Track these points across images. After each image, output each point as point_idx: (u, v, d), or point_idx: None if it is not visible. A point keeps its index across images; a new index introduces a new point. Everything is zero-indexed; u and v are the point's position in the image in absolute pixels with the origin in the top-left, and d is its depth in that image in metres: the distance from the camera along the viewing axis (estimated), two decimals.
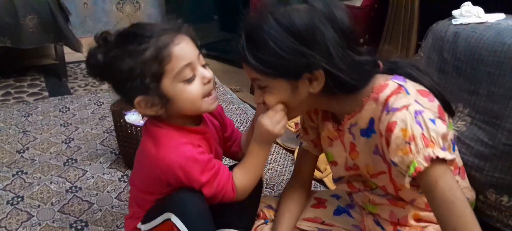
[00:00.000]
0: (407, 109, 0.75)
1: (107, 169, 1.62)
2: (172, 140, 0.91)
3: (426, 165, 0.73)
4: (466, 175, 1.05)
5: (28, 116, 2.09)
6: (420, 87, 0.84)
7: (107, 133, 1.92)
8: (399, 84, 0.82)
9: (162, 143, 0.91)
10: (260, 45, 0.81)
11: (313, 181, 1.31)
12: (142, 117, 1.56)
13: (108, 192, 1.48)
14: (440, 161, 0.73)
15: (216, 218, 0.97)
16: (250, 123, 1.17)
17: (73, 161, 1.68)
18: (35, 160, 1.68)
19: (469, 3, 1.21)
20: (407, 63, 0.91)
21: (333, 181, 1.07)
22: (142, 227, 0.98)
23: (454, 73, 1.15)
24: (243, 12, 0.86)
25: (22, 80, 2.62)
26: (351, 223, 1.06)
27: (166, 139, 0.91)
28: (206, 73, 0.92)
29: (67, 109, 2.18)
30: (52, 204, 1.41)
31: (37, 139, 1.86)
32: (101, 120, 2.06)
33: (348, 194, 1.09)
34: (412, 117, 0.74)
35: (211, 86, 0.94)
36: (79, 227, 1.30)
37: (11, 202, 1.41)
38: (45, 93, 2.44)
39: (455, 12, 1.23)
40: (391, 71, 0.87)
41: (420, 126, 0.74)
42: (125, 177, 1.56)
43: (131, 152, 1.53)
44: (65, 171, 1.60)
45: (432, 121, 0.75)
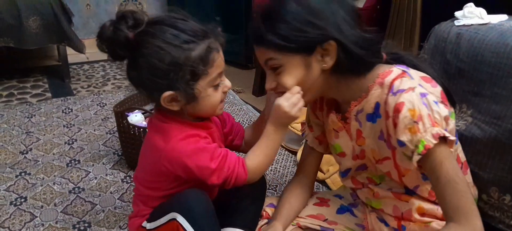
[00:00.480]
0: (413, 91, 0.79)
1: (110, 170, 1.62)
2: (181, 132, 0.93)
3: (435, 142, 0.77)
4: (469, 172, 1.05)
5: (31, 117, 2.10)
6: (423, 74, 0.89)
7: (110, 134, 1.92)
8: (403, 70, 0.86)
9: (171, 136, 0.92)
10: (277, 20, 0.85)
11: (316, 182, 1.31)
12: (145, 118, 1.57)
13: (111, 193, 1.48)
14: (445, 141, 0.78)
15: (220, 217, 0.97)
16: (258, 117, 1.17)
17: (76, 161, 1.68)
18: (38, 160, 1.68)
19: (472, 4, 1.21)
20: (409, 54, 0.97)
21: (341, 175, 1.08)
22: (148, 225, 0.99)
23: (457, 75, 1.15)
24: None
25: (25, 82, 2.63)
26: (354, 221, 1.07)
27: (175, 132, 0.93)
28: (228, 83, 0.97)
29: (70, 111, 2.18)
30: (55, 204, 1.41)
31: (40, 139, 1.86)
32: (104, 121, 2.06)
33: (352, 191, 1.10)
34: (419, 97, 0.78)
35: (226, 95, 0.98)
36: (82, 228, 1.31)
37: (14, 202, 1.42)
38: (48, 95, 2.45)
39: (458, 13, 1.23)
40: (394, 62, 0.91)
41: (426, 106, 0.78)
42: (128, 177, 1.57)
43: (134, 152, 1.53)
44: (68, 171, 1.60)
45: (436, 103, 0.80)
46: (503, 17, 1.18)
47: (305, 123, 1.13)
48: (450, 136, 0.78)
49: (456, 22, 1.21)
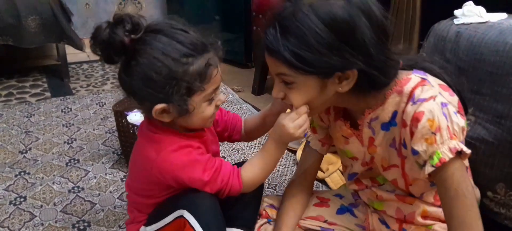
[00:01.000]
0: (434, 100, 0.76)
1: (109, 169, 1.62)
2: (172, 143, 0.91)
3: (451, 156, 0.75)
4: (472, 172, 1.04)
5: (31, 116, 2.10)
6: (441, 82, 0.86)
7: (109, 133, 1.92)
8: (422, 78, 0.82)
9: (162, 147, 0.91)
10: (297, 38, 0.75)
11: (315, 181, 1.31)
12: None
13: (111, 192, 1.48)
14: (460, 154, 0.76)
15: None
16: (261, 111, 1.14)
17: (76, 161, 1.68)
18: (38, 160, 1.68)
19: (471, 3, 1.21)
20: (426, 60, 0.93)
21: (348, 178, 1.06)
22: (148, 229, 0.98)
23: (457, 73, 1.15)
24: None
25: (25, 81, 2.63)
26: (354, 222, 1.06)
27: (166, 143, 0.91)
28: (222, 97, 0.94)
29: (69, 110, 2.18)
30: (55, 204, 1.41)
31: (40, 139, 1.86)
32: (103, 120, 2.06)
33: (354, 192, 1.09)
34: (439, 108, 0.76)
35: (218, 108, 0.96)
36: (82, 227, 1.30)
37: (14, 202, 1.42)
38: (47, 94, 2.45)
39: (457, 12, 1.22)
40: (410, 68, 0.87)
41: (446, 117, 0.76)
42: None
43: None
44: (68, 171, 1.60)
45: (455, 113, 0.78)
46: (503, 16, 1.18)
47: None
48: (467, 150, 0.76)
49: (456, 21, 1.21)
